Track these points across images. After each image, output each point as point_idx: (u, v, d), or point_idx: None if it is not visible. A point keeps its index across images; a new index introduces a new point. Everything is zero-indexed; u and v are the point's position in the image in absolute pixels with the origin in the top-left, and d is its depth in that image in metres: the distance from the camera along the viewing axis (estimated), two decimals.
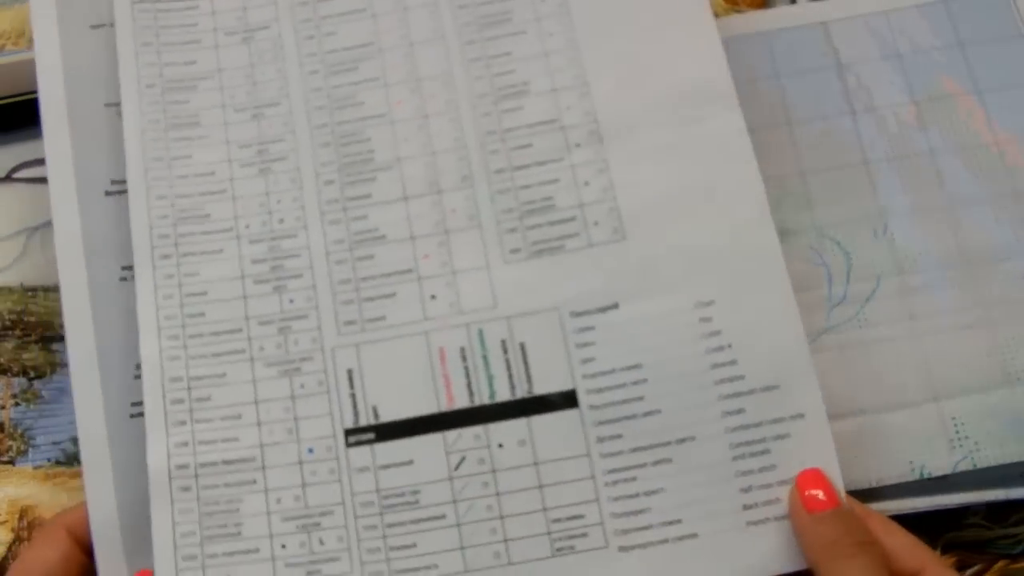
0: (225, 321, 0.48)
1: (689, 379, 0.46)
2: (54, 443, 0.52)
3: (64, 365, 0.53)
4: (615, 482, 0.45)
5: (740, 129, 0.49)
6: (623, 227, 0.48)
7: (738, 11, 0.61)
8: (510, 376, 0.46)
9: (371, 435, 0.46)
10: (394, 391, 0.47)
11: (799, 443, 0.45)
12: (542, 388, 0.46)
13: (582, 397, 0.46)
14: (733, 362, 0.46)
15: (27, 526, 0.51)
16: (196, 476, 0.46)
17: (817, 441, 0.44)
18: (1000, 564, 0.49)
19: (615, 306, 0.47)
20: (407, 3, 0.53)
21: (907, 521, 0.48)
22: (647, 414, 0.45)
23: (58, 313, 0.50)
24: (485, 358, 0.47)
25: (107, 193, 0.50)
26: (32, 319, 0.54)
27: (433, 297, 0.48)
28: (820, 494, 0.43)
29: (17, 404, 0.52)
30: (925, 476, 0.47)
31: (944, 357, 0.49)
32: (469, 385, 0.47)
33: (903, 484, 0.48)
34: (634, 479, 0.45)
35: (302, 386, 0.47)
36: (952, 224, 0.52)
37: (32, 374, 0.53)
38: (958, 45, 0.57)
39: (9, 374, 0.53)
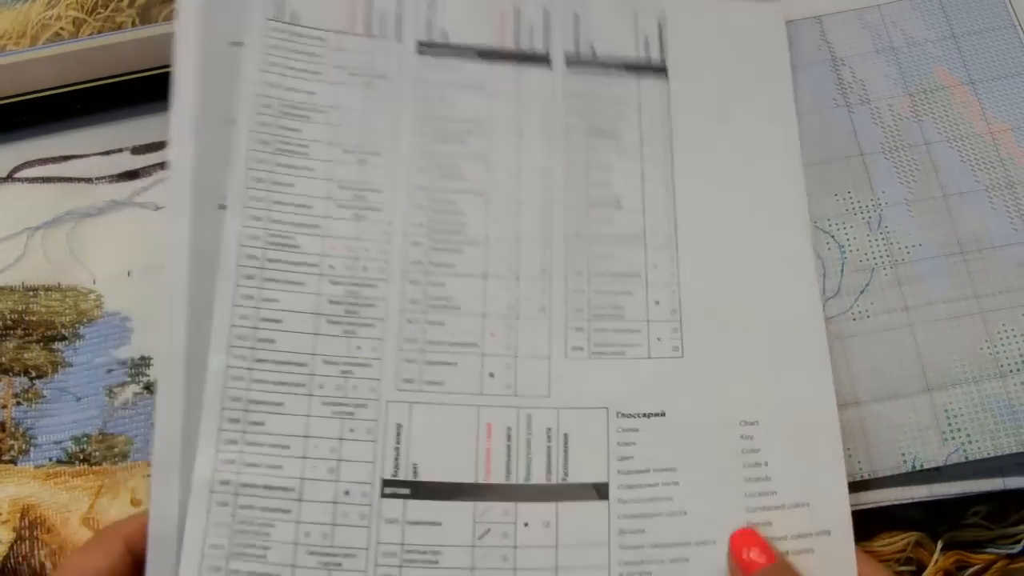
0: (293, 353, 0.49)
1: (721, 488, 0.47)
2: (55, 442, 0.52)
3: (67, 365, 0.54)
4: (629, 574, 0.46)
5: (807, 268, 0.52)
6: (683, 347, 0.50)
7: None
8: (548, 461, 0.48)
9: (407, 490, 0.47)
10: (436, 453, 0.48)
11: (821, 559, 0.46)
12: (577, 477, 0.47)
13: (613, 491, 0.47)
14: (767, 479, 0.48)
15: (28, 525, 0.51)
16: (236, 494, 0.47)
17: (840, 558, 0.46)
18: (1000, 564, 0.49)
19: (662, 414, 0.49)
20: (525, 93, 0.55)
21: (905, 516, 0.49)
22: (673, 514, 0.47)
23: (59, 312, 0.53)
24: (528, 441, 0.48)
25: (220, 207, 0.50)
26: (33, 319, 0.54)
27: (492, 375, 0.49)
28: (755, 553, 0.45)
29: (19, 404, 0.53)
30: (917, 468, 0.47)
31: (937, 348, 0.50)
32: (508, 463, 0.48)
33: (896, 476, 0.48)
34: (649, 574, 0.46)
35: (351, 430, 0.48)
36: (947, 215, 0.53)
37: (33, 374, 0.53)
38: (951, 37, 0.57)
39: (11, 374, 0.53)
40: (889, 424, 0.49)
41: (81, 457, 0.52)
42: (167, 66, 0.59)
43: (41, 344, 0.54)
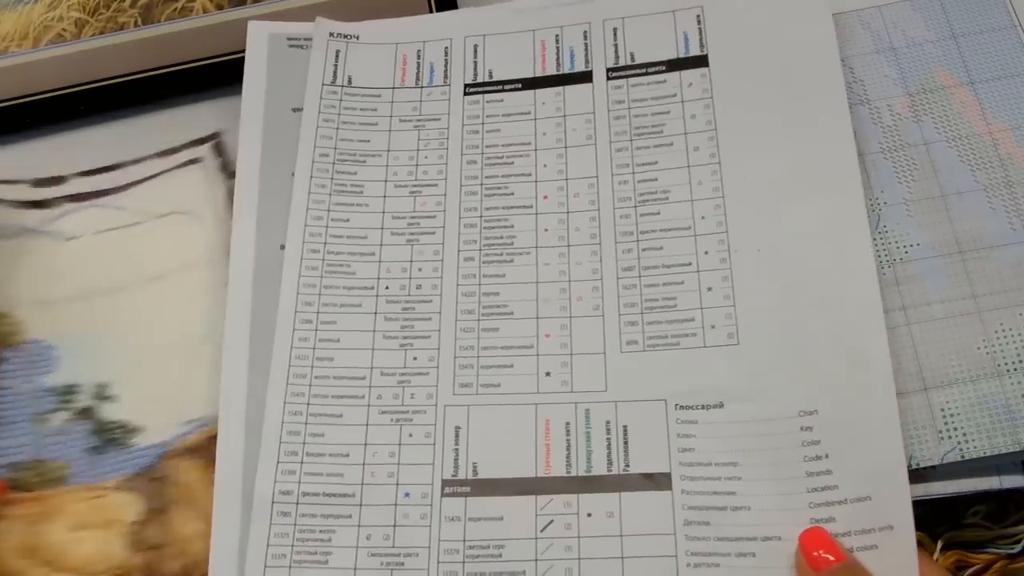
0: (351, 368, 0.51)
1: (782, 483, 0.47)
2: None
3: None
4: (697, 564, 0.46)
5: (865, 250, 0.52)
6: (738, 333, 0.50)
7: None
8: (608, 452, 0.48)
9: (467, 488, 0.49)
10: (495, 452, 0.49)
11: (884, 554, 0.45)
12: (639, 467, 0.48)
13: (676, 481, 0.47)
14: (828, 472, 0.47)
15: None
16: (297, 504, 0.49)
17: (902, 553, 0.45)
18: (999, 564, 0.49)
19: (720, 405, 0.49)
20: (567, 110, 0.57)
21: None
22: (736, 508, 0.47)
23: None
24: (588, 434, 0.49)
25: (281, 247, 0.54)
26: None
27: (548, 374, 0.51)
28: (824, 552, 0.45)
29: None
30: (913, 467, 0.47)
31: (934, 348, 0.50)
32: (568, 456, 0.49)
33: None
34: (717, 565, 0.46)
35: (410, 435, 0.50)
36: (945, 215, 0.53)
37: None
38: (951, 37, 0.57)
39: None
40: None
41: (13, 485, 0.51)
42: (168, 66, 0.60)
43: None
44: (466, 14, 0.61)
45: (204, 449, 0.51)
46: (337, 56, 0.59)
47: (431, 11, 0.63)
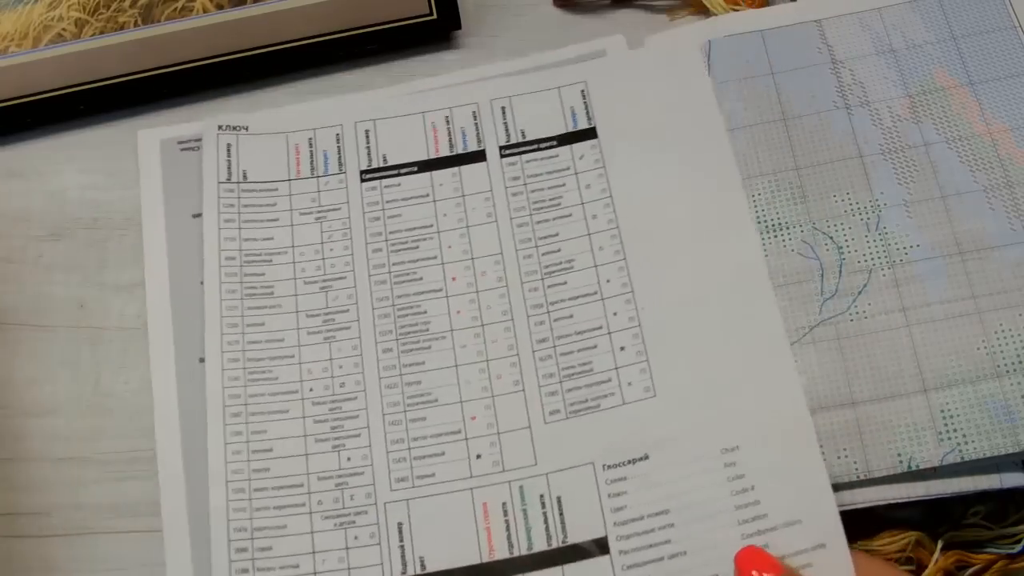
0: (288, 476, 0.52)
1: (714, 520, 0.49)
2: None
3: None
4: None
5: (764, 286, 0.53)
6: (654, 386, 0.52)
7: (736, 9, 0.62)
8: (547, 527, 0.50)
9: None
10: (440, 543, 0.50)
11: (820, 571, 0.47)
12: (576, 537, 0.49)
13: (613, 543, 0.49)
14: (756, 502, 0.49)
15: None
16: None
17: (838, 567, 0.47)
18: (1000, 564, 0.49)
19: (645, 457, 0.50)
20: (465, 190, 0.57)
21: (905, 516, 0.49)
22: (673, 556, 0.48)
23: None
24: (525, 511, 0.50)
25: (200, 360, 0.54)
26: None
27: (479, 456, 0.51)
28: (761, 569, 0.46)
29: None
30: (913, 468, 0.48)
31: (934, 349, 0.50)
32: (509, 537, 0.50)
33: (892, 475, 0.48)
34: None
35: (356, 538, 0.50)
36: (945, 215, 0.53)
37: None
38: (951, 38, 0.57)
39: None
40: (885, 424, 0.49)
41: None
42: (169, 65, 0.60)
43: None
44: (353, 99, 0.61)
45: None
46: (229, 150, 0.59)
47: (432, 14, 0.63)
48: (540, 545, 0.49)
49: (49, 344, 0.56)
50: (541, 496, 0.50)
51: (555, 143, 0.58)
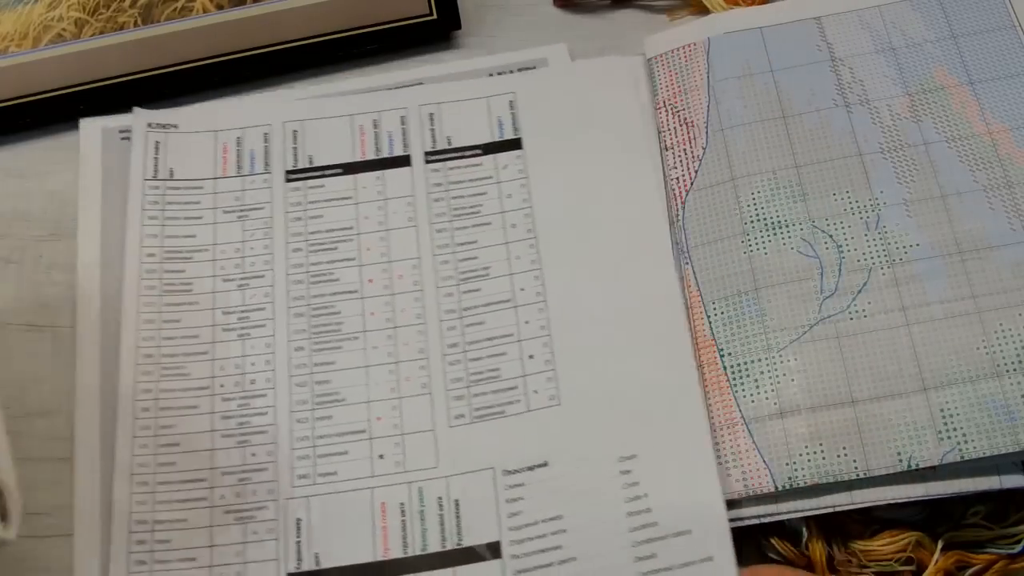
0: (192, 471, 0.52)
1: (605, 527, 0.49)
2: None
3: None
4: None
5: (676, 301, 0.54)
6: (560, 394, 0.53)
7: (736, 7, 0.62)
8: (442, 529, 0.50)
9: None
10: (336, 540, 0.50)
11: None
12: (470, 540, 0.50)
13: (505, 548, 0.49)
14: (648, 510, 0.49)
15: None
16: None
17: None
18: (1000, 564, 0.49)
19: (545, 464, 0.51)
20: (388, 194, 0.58)
21: (905, 516, 0.49)
22: (563, 562, 0.49)
23: None
24: (422, 512, 0.50)
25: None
26: None
27: (381, 456, 0.52)
28: None
29: None
30: (912, 467, 0.47)
31: (934, 348, 0.50)
32: (404, 537, 0.50)
33: (892, 475, 0.48)
34: None
35: (254, 532, 0.51)
36: (945, 215, 0.53)
37: None
38: (951, 37, 0.57)
39: None
40: (885, 423, 0.49)
41: None
42: (170, 65, 0.60)
43: None
44: (284, 99, 0.62)
45: None
46: (157, 148, 0.59)
47: (431, 14, 0.63)
48: (434, 546, 0.49)
49: (49, 344, 0.56)
50: (439, 498, 0.50)
51: (480, 152, 0.59)
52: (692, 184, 0.57)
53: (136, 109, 0.60)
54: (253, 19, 0.61)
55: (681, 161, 0.58)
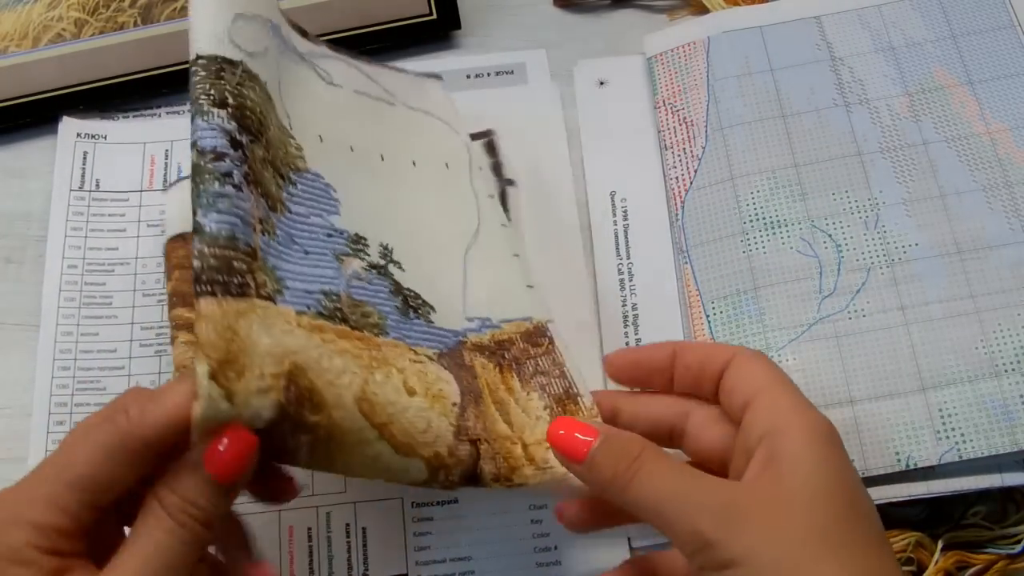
0: None
1: (513, 573, 0.50)
2: (306, 291, 0.41)
3: (288, 210, 0.44)
4: None
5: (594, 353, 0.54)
6: None
7: (736, 6, 0.62)
8: (349, 557, 0.50)
9: None
10: None
11: None
12: (377, 571, 0.50)
13: None
14: (558, 563, 0.50)
15: (295, 396, 0.37)
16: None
17: None
18: (1000, 564, 0.49)
19: (455, 501, 0.51)
20: None
21: (905, 516, 0.48)
22: None
23: (281, 142, 0.46)
24: (329, 538, 0.50)
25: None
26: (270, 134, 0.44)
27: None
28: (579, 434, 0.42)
29: (263, 233, 0.41)
30: (911, 467, 0.47)
31: (933, 348, 0.50)
32: (311, 563, 0.50)
33: (893, 474, 0.48)
34: None
35: None
36: (944, 214, 0.53)
37: (267, 202, 0.42)
38: (951, 37, 0.57)
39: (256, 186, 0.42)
40: (883, 423, 0.49)
41: (340, 317, 0.42)
42: (170, 65, 0.60)
43: (272, 170, 0.44)
44: None
45: (492, 353, 0.47)
46: (85, 158, 0.59)
47: (431, 14, 0.63)
48: (341, 574, 0.49)
49: None
50: (347, 525, 0.50)
51: None
52: (691, 183, 0.57)
53: (65, 118, 0.60)
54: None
55: (680, 160, 0.58)
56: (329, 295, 0.42)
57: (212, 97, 0.40)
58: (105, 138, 0.60)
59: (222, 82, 0.41)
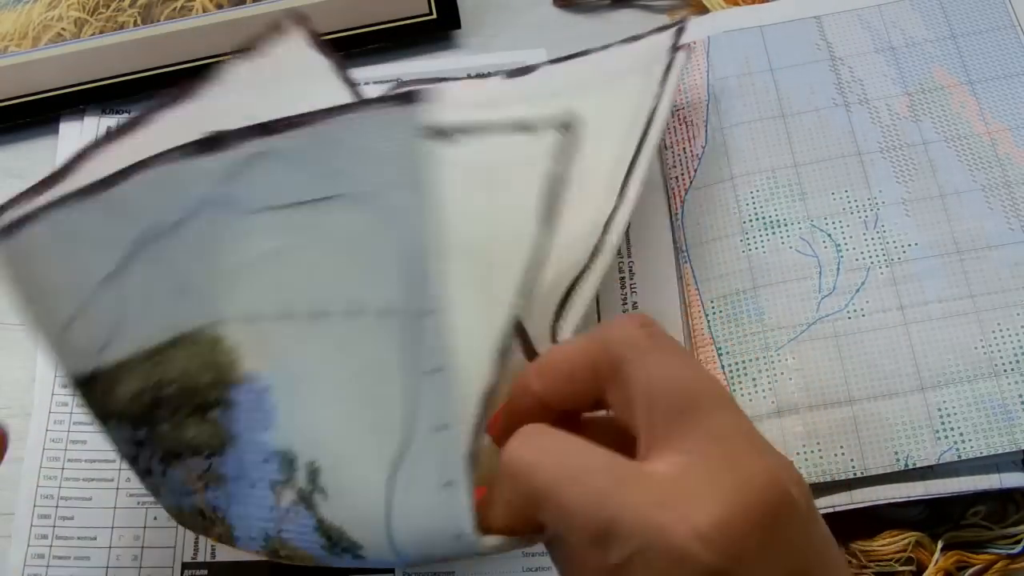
0: (102, 451, 0.52)
1: None
2: (250, 537, 0.40)
3: (232, 439, 0.40)
4: None
5: None
6: None
7: (736, 6, 0.62)
8: None
9: (204, 571, 0.50)
10: None
11: None
12: None
13: None
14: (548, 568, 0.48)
15: None
16: None
17: None
18: (1000, 564, 0.49)
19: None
20: None
21: (905, 516, 0.48)
22: None
23: (198, 371, 0.41)
24: None
25: None
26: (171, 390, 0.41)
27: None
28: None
29: (207, 485, 0.40)
30: (910, 466, 0.47)
31: (932, 347, 0.50)
32: None
33: (891, 474, 0.48)
34: None
35: (155, 518, 0.51)
36: (943, 214, 0.53)
37: (205, 452, 0.40)
38: (951, 37, 0.57)
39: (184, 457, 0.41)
40: (882, 422, 0.49)
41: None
42: (170, 65, 0.60)
43: (198, 416, 0.41)
44: None
45: None
46: None
47: (431, 14, 0.63)
48: None
49: None
50: None
51: None
52: (691, 183, 0.57)
53: (65, 118, 0.61)
54: (253, 19, 0.61)
55: (680, 160, 0.58)
56: (268, 539, 0.40)
57: (96, 418, 0.42)
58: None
59: (94, 398, 0.42)
